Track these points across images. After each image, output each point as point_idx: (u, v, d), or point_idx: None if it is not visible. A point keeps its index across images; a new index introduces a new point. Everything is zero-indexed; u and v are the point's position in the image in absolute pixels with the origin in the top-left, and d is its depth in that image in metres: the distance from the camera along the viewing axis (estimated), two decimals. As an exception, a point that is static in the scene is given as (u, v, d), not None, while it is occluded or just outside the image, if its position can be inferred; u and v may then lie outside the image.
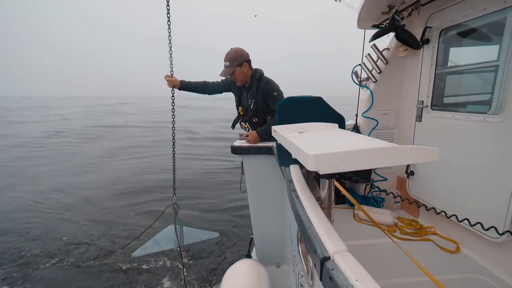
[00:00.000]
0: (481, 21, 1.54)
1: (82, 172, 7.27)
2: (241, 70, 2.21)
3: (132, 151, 9.88)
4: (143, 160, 8.53)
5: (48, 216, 4.71)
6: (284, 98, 2.18)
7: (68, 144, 11.21)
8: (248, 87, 2.34)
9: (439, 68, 1.86)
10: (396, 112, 2.35)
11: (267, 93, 2.24)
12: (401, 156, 0.69)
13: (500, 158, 1.42)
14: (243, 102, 2.44)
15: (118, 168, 7.66)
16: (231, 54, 2.19)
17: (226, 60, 2.19)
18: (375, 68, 2.33)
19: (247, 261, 2.03)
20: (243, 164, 2.22)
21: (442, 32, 1.80)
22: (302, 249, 1.08)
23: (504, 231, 1.38)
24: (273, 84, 2.27)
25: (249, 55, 2.27)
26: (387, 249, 1.62)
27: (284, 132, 1.07)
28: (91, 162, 8.34)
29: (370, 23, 2.35)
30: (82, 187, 6.13)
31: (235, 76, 2.24)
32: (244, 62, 2.21)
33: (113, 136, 13.34)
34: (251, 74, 2.29)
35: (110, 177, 6.82)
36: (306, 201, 0.91)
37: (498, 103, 1.44)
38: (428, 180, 1.98)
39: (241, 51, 2.23)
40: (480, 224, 1.42)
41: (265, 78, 2.29)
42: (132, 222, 4.47)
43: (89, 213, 4.81)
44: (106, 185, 6.26)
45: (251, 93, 2.31)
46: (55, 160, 8.54)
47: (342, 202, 2.48)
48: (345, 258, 0.59)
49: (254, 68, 2.32)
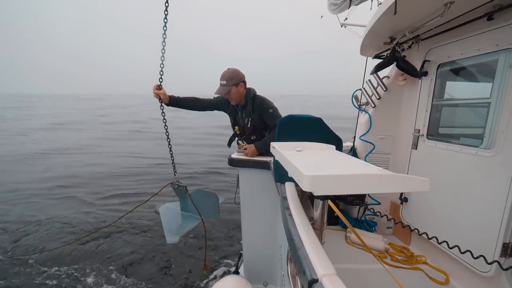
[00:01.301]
0: (475, 60, 1.63)
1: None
2: (236, 90, 2.21)
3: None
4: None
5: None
6: (281, 115, 2.22)
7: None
8: (243, 106, 2.35)
9: (436, 99, 1.93)
10: (393, 138, 2.40)
11: (263, 110, 2.25)
12: (393, 184, 0.71)
13: (490, 190, 1.45)
14: (239, 122, 2.44)
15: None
16: (228, 73, 2.20)
17: (223, 79, 2.19)
18: (375, 94, 2.41)
19: (234, 277, 1.99)
20: (239, 177, 2.23)
21: (439, 66, 1.88)
22: (291, 269, 1.08)
23: (493, 260, 1.39)
24: (267, 101, 2.28)
25: (244, 76, 2.28)
26: (376, 275, 1.61)
27: (282, 150, 1.10)
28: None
29: (373, 52, 2.45)
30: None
31: (230, 95, 2.23)
32: (241, 82, 2.22)
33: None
34: (245, 94, 2.29)
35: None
36: (298, 220, 0.92)
37: (490, 138, 1.49)
38: (421, 208, 1.99)
39: (238, 72, 2.24)
40: (470, 252, 1.43)
41: (259, 97, 2.30)
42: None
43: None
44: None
45: (247, 112, 2.32)
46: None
47: (335, 223, 2.47)
48: (333, 281, 0.60)
49: (248, 88, 2.33)
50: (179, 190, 2.31)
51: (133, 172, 7.71)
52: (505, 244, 1.38)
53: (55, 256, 3.69)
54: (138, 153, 10.17)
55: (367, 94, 2.47)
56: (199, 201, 2.27)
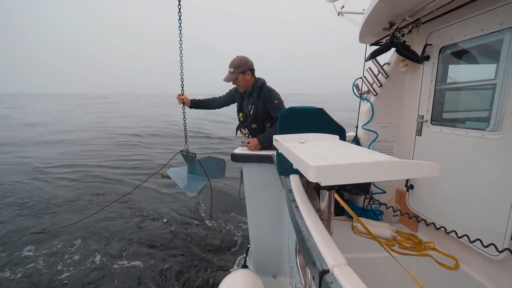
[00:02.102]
0: (479, 41, 1.58)
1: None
2: (243, 78, 2.29)
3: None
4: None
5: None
6: (286, 108, 2.21)
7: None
8: (249, 93, 2.41)
9: (438, 84, 1.89)
10: (396, 126, 2.37)
11: (268, 101, 2.29)
12: (401, 170, 0.69)
13: (498, 174, 1.43)
14: (243, 109, 2.51)
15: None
16: (236, 61, 2.29)
17: (231, 67, 2.28)
18: (376, 82, 2.37)
19: (243, 271, 2.00)
20: (242, 172, 2.22)
21: (441, 50, 1.84)
22: (300, 261, 1.07)
23: (504, 248, 1.37)
24: (274, 93, 2.33)
25: (253, 64, 2.36)
26: (385, 263, 1.61)
27: (286, 142, 1.08)
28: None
29: (372, 39, 2.40)
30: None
31: (238, 83, 2.33)
32: (248, 70, 2.30)
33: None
34: (253, 82, 2.36)
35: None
36: (305, 212, 0.91)
37: (496, 120, 1.46)
38: (428, 194, 1.98)
39: (246, 60, 2.32)
40: (479, 240, 1.42)
41: (267, 87, 2.35)
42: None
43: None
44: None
45: (252, 99, 2.37)
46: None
47: (340, 213, 2.46)
48: (344, 271, 0.59)
49: (257, 77, 2.40)
50: (189, 156, 2.66)
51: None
52: None
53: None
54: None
55: (368, 82, 2.43)
56: (207, 165, 2.60)
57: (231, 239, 4.04)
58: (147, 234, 4.01)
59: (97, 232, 4.02)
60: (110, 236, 3.95)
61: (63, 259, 3.40)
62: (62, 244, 3.71)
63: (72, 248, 3.63)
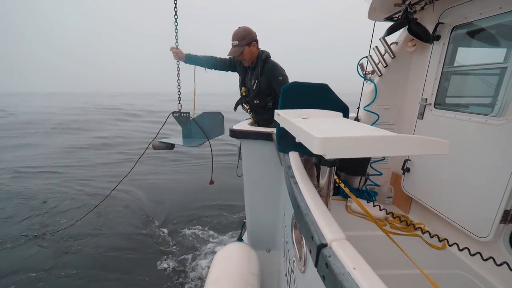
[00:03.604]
0: (495, 21, 1.51)
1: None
2: (249, 50, 2.16)
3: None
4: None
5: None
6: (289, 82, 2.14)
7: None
8: (253, 67, 2.28)
9: (446, 66, 1.83)
10: (398, 108, 2.34)
11: (272, 76, 2.19)
12: (409, 146, 0.67)
13: (497, 160, 1.43)
14: (246, 83, 2.40)
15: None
16: (240, 33, 2.13)
17: (235, 39, 2.12)
18: (382, 62, 2.29)
19: (238, 244, 2.06)
20: (240, 148, 2.21)
21: (453, 29, 1.76)
22: (296, 235, 1.09)
23: (487, 235, 1.42)
24: (279, 68, 2.21)
25: (256, 34, 2.21)
26: (377, 241, 1.65)
27: (288, 116, 1.05)
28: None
29: (382, 15, 2.29)
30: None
31: (244, 56, 2.18)
32: (253, 41, 2.15)
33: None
34: (257, 55, 2.23)
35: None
36: (304, 187, 0.90)
37: (501, 106, 1.43)
38: (424, 178, 2.00)
39: (250, 30, 2.16)
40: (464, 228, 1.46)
41: (271, 61, 2.23)
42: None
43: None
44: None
45: (255, 74, 2.25)
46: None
47: (335, 193, 2.50)
48: (343, 246, 0.59)
49: (261, 50, 2.26)
50: (182, 117, 2.37)
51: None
52: (506, 211, 1.39)
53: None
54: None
55: (374, 62, 2.35)
56: (204, 123, 2.35)
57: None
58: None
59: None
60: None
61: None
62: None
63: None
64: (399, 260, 1.17)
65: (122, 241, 3.53)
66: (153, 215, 4.24)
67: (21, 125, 13.04)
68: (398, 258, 1.16)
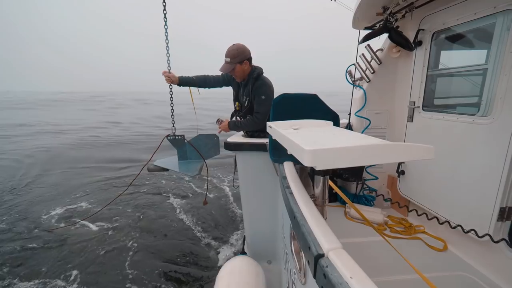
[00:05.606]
0: (472, 25, 1.58)
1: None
2: (241, 68, 2.17)
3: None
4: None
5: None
6: (278, 95, 2.17)
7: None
8: (245, 84, 2.31)
9: (430, 70, 1.89)
10: (388, 112, 2.38)
11: (256, 93, 2.20)
12: (396, 153, 0.69)
13: (488, 158, 1.46)
14: (239, 98, 2.42)
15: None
16: (233, 51, 2.14)
17: (227, 56, 2.14)
18: (369, 68, 2.36)
19: (244, 258, 1.98)
20: (236, 161, 2.21)
21: (434, 35, 1.83)
22: (294, 246, 1.08)
23: (484, 234, 1.43)
24: (265, 88, 2.21)
25: (250, 52, 2.22)
26: (377, 247, 1.64)
27: (280, 128, 1.07)
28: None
29: (365, 24, 2.37)
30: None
31: (235, 73, 2.21)
32: (245, 60, 2.16)
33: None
34: (250, 71, 2.24)
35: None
36: (300, 198, 0.91)
37: (487, 106, 1.48)
38: (418, 180, 2.02)
39: (243, 48, 2.17)
40: (460, 226, 1.47)
41: (262, 79, 2.24)
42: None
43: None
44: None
45: (247, 91, 2.28)
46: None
47: (333, 200, 2.50)
48: (339, 255, 0.59)
49: (254, 66, 2.27)
50: (177, 140, 2.41)
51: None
52: (502, 208, 1.41)
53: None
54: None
55: (361, 69, 2.42)
56: (199, 145, 2.42)
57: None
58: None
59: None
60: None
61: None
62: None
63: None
64: (401, 265, 1.16)
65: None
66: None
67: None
68: (399, 263, 1.15)
